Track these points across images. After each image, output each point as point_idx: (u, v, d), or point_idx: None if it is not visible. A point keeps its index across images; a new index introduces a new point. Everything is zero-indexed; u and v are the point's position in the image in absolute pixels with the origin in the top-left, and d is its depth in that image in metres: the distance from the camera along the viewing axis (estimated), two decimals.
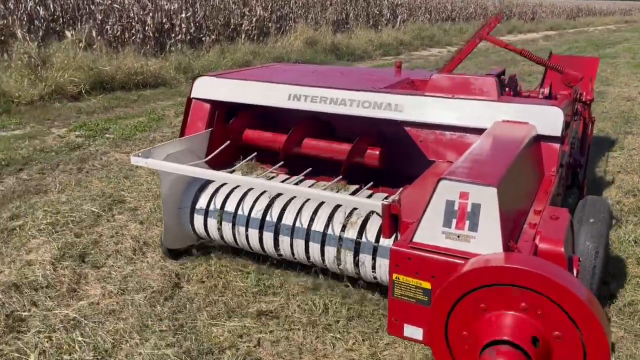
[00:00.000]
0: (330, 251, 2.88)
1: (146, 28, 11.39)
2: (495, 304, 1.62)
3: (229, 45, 12.29)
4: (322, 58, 13.08)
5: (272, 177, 3.39)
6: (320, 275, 3.15)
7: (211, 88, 3.52)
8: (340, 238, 2.85)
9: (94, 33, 10.08)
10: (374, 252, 2.76)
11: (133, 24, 11.30)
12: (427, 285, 1.83)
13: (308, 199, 3.03)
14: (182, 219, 3.33)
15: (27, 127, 6.67)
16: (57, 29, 10.03)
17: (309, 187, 3.15)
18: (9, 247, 3.50)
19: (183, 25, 12.12)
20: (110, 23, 10.88)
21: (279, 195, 3.12)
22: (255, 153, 3.49)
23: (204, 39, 12.57)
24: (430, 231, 1.85)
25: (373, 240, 2.76)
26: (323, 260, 2.94)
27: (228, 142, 3.50)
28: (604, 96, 9.24)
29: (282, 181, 3.26)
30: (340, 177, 3.16)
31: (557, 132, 2.60)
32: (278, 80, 3.43)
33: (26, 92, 7.61)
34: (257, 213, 3.09)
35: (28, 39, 8.69)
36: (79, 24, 10.31)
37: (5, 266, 3.25)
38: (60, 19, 10.17)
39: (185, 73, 10.14)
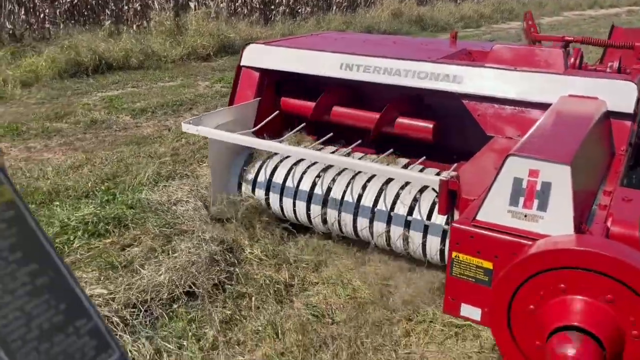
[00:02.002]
0: (380, 227, 2.85)
1: (253, 0, 12.75)
2: (566, 289, 1.56)
3: (324, 16, 13.48)
4: (408, 29, 14.03)
5: (321, 149, 3.25)
6: None
7: (261, 56, 3.41)
8: (390, 214, 2.80)
9: (212, 5, 11.52)
10: (425, 229, 2.72)
11: None
12: (488, 265, 1.76)
13: (358, 172, 2.96)
14: (230, 189, 3.35)
15: (178, 80, 8.15)
16: (181, 1, 11.55)
17: (359, 159, 3.08)
18: None
19: None
20: None
21: (328, 167, 3.07)
22: (304, 124, 3.35)
23: (299, 10, 13.82)
24: (495, 209, 1.77)
25: (424, 217, 2.72)
26: (372, 235, 2.93)
27: (277, 112, 3.44)
28: None
29: (332, 152, 3.19)
30: (391, 150, 3.07)
31: (630, 108, 2.43)
32: (329, 48, 3.32)
33: (169, 53, 9.14)
34: (305, 185, 3.07)
35: (165, 8, 10.21)
36: None
37: None
38: None
39: None
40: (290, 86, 3.55)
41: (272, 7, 13.38)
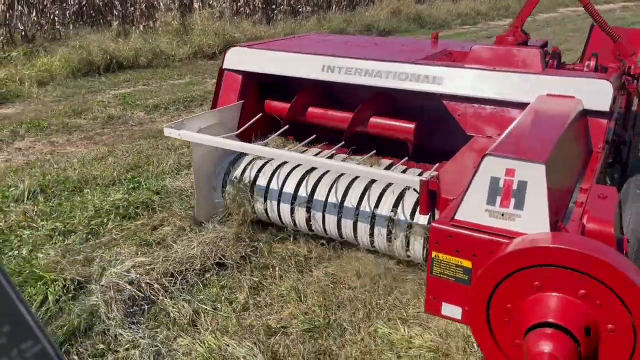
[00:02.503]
0: (363, 227, 2.88)
1: (255, 0, 13.03)
2: (541, 286, 1.57)
3: (324, 14, 13.78)
4: (406, 26, 14.33)
5: (304, 151, 3.28)
6: None
7: (243, 59, 3.42)
8: (373, 214, 2.84)
9: (215, 4, 11.80)
10: (408, 229, 2.75)
11: None
12: (467, 264, 1.78)
13: (342, 174, 2.98)
14: (214, 193, 3.35)
15: (186, 77, 8.44)
16: (185, 1, 11.83)
17: (342, 161, 3.10)
18: None
19: None
20: None
21: (312, 169, 3.08)
22: (287, 126, 3.37)
23: (300, 9, 14.11)
24: (473, 209, 1.79)
25: (407, 218, 2.74)
26: (355, 236, 2.97)
27: (260, 114, 3.45)
28: None
29: (315, 155, 3.21)
30: (374, 151, 3.13)
31: (606, 106, 2.47)
32: (311, 51, 3.34)
33: (177, 52, 9.43)
34: (289, 187, 3.07)
35: (173, 8, 10.50)
36: None
37: None
38: None
39: None
40: (275, 89, 3.52)
41: (274, 6, 13.66)
